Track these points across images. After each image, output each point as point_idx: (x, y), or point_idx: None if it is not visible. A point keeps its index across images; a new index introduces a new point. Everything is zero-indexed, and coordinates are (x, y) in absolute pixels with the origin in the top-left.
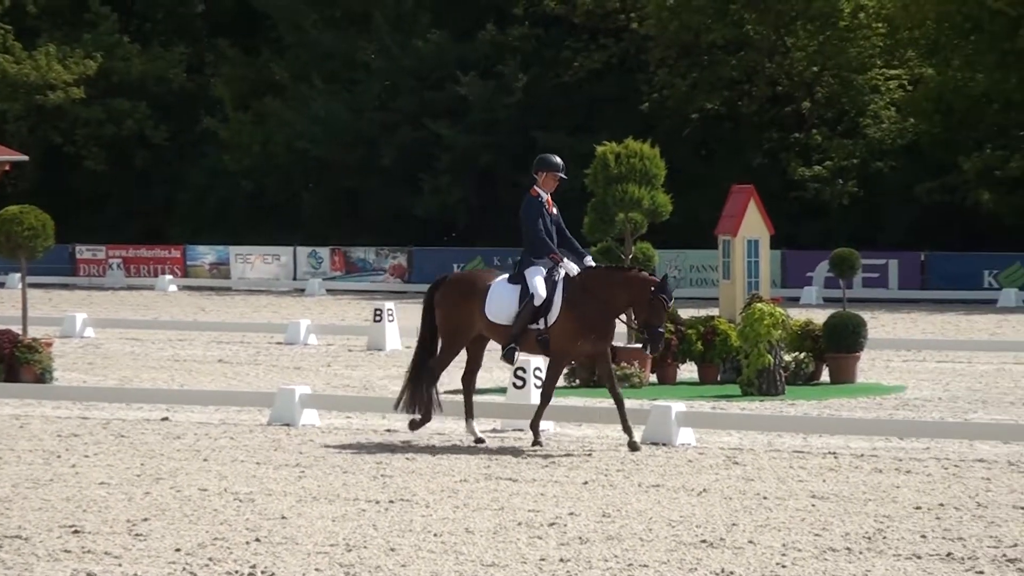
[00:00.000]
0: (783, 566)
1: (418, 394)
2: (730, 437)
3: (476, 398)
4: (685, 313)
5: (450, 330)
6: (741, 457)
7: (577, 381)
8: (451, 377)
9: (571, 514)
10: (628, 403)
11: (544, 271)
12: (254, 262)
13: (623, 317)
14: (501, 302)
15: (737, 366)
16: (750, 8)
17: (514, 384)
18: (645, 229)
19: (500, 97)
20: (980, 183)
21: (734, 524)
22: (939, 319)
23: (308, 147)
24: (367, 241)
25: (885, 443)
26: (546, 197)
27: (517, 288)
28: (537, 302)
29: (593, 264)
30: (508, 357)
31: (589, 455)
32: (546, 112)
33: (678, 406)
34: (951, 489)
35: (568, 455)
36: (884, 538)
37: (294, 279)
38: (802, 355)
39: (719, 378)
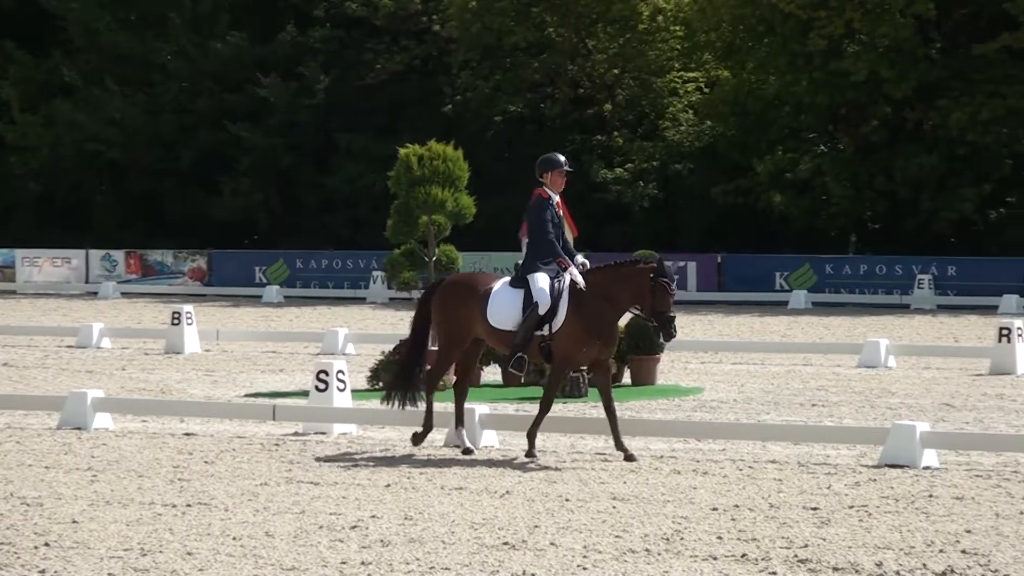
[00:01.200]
0: (584, 568)
1: (407, 394)
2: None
3: (279, 401)
4: None
5: (448, 335)
6: (544, 459)
7: (381, 384)
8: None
9: (373, 517)
10: (434, 406)
11: (549, 276)
12: (42, 265)
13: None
14: (504, 307)
15: (541, 368)
16: (552, 11)
17: (316, 387)
18: (449, 231)
19: (301, 99)
20: (772, 185)
21: (536, 526)
22: (735, 321)
23: (102, 149)
24: (165, 244)
25: (683, 445)
26: (556, 199)
27: (520, 293)
28: (542, 310)
29: (585, 262)
30: (517, 366)
31: (392, 458)
32: (348, 114)
33: (482, 408)
34: (745, 490)
35: (371, 458)
36: (682, 539)
37: (86, 282)
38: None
39: (523, 380)
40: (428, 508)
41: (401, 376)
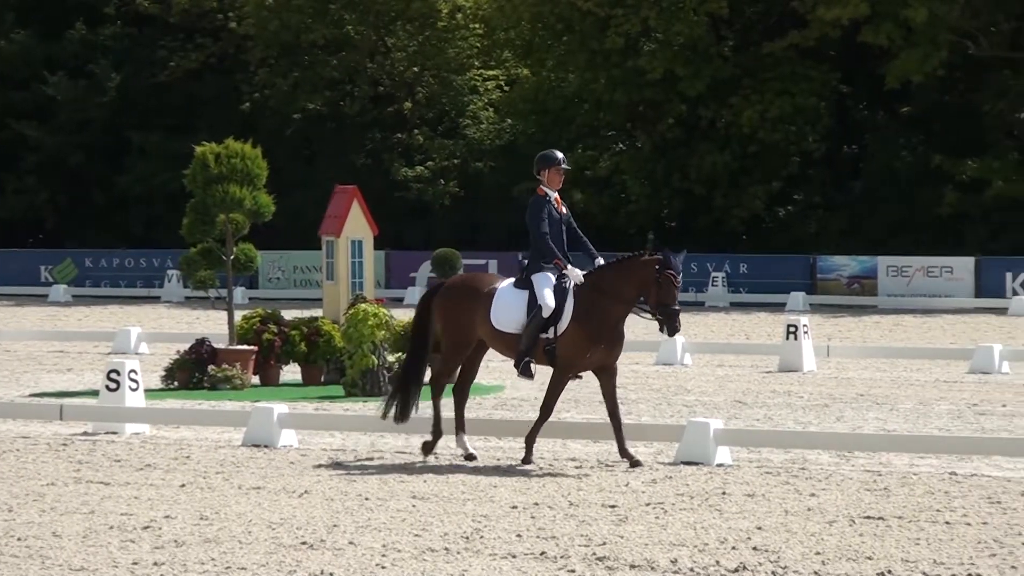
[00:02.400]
0: (383, 567)
1: (409, 403)
2: (333, 438)
3: (67, 400)
4: (288, 314)
5: (453, 337)
6: (344, 458)
7: (176, 383)
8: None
9: (167, 517)
10: (229, 405)
11: (553, 278)
12: None
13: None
14: (508, 309)
15: (341, 367)
16: (350, 8)
17: (107, 387)
18: (247, 230)
19: (91, 97)
20: (572, 183)
21: (335, 525)
22: None
23: None
24: None
25: (485, 443)
26: (554, 196)
27: (525, 294)
28: (546, 313)
29: (601, 262)
30: (526, 372)
31: (187, 458)
32: (141, 112)
33: (280, 408)
34: (546, 488)
35: (166, 458)
36: (481, 538)
37: None
38: (405, 356)
39: (323, 379)
40: (224, 508)
41: (402, 384)
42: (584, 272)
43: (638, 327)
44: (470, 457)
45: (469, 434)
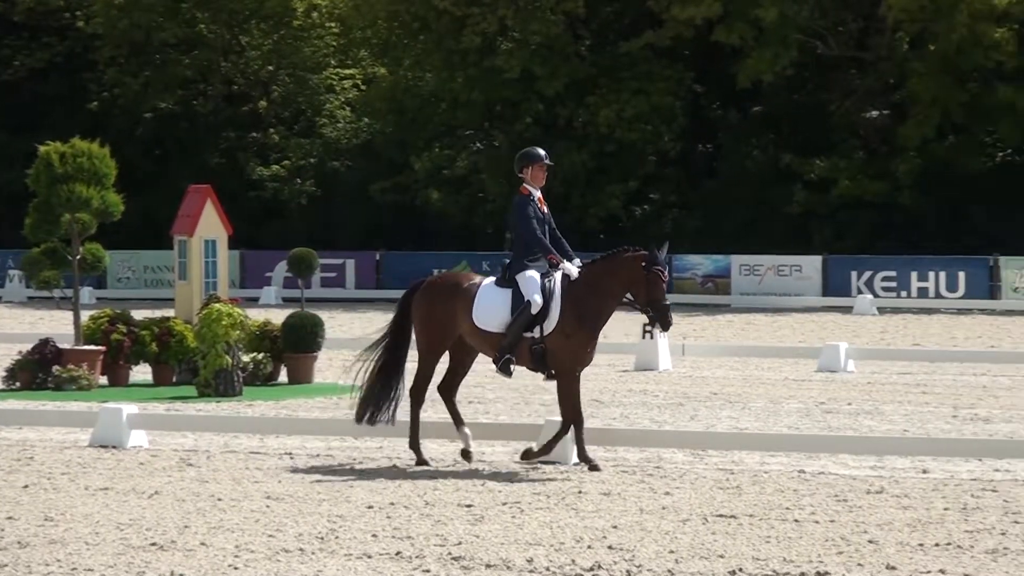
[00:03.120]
0: (235, 568)
1: (382, 406)
2: (185, 439)
3: None
4: (139, 314)
5: (429, 337)
6: (196, 459)
7: (18, 384)
8: None
9: (9, 519)
10: (74, 405)
11: (538, 275)
12: None
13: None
14: (491, 308)
15: (194, 367)
16: (203, 7)
17: None
18: (94, 229)
19: None
20: (430, 182)
21: (186, 526)
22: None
23: None
24: None
25: (341, 443)
26: (538, 195)
27: (508, 292)
28: (534, 310)
29: (579, 262)
30: (505, 370)
31: (31, 459)
32: None
33: (130, 408)
34: (402, 488)
35: (9, 459)
36: (336, 538)
37: None
38: (260, 356)
39: (175, 379)
40: (71, 509)
41: (378, 388)
42: (577, 270)
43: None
44: (466, 453)
45: (327, 435)
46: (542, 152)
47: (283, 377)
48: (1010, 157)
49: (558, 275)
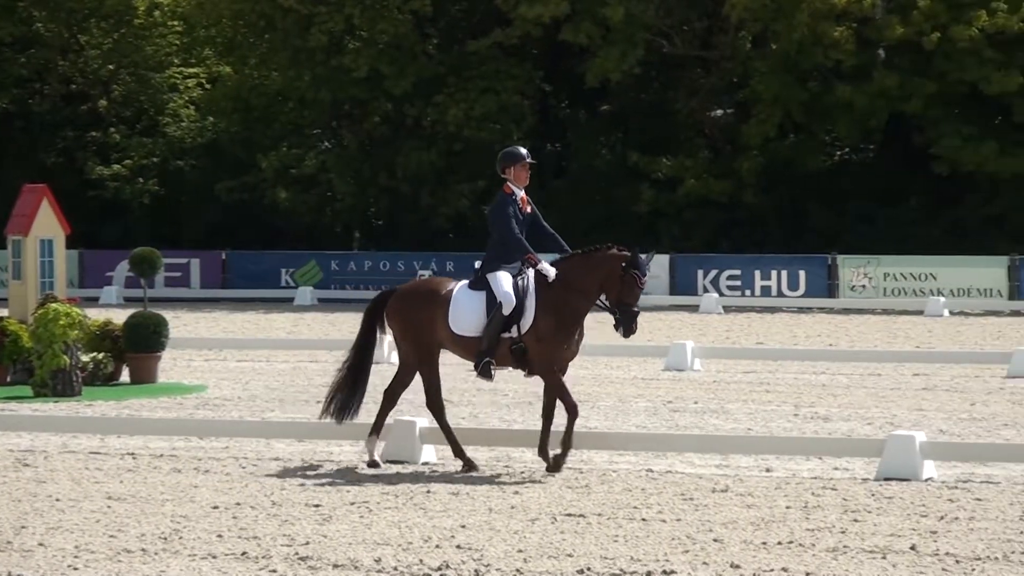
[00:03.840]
0: (75, 568)
1: (349, 404)
2: (20, 439)
3: None
4: None
5: (418, 346)
6: (32, 459)
7: None
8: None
9: None
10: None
11: (510, 274)
12: None
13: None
14: (466, 312)
15: (30, 367)
16: (40, 5)
17: None
18: None
19: None
20: (277, 182)
21: (23, 527)
22: (240, 318)
23: None
24: None
25: (185, 443)
26: (520, 194)
27: (482, 295)
28: (507, 309)
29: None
30: (485, 373)
31: None
32: None
33: None
34: (248, 488)
35: None
36: (180, 538)
37: None
38: (101, 355)
39: (9, 379)
40: None
41: (345, 388)
42: (555, 271)
43: (344, 326)
44: (373, 464)
45: (170, 435)
46: (524, 151)
47: (125, 377)
48: (848, 156)
49: (531, 272)
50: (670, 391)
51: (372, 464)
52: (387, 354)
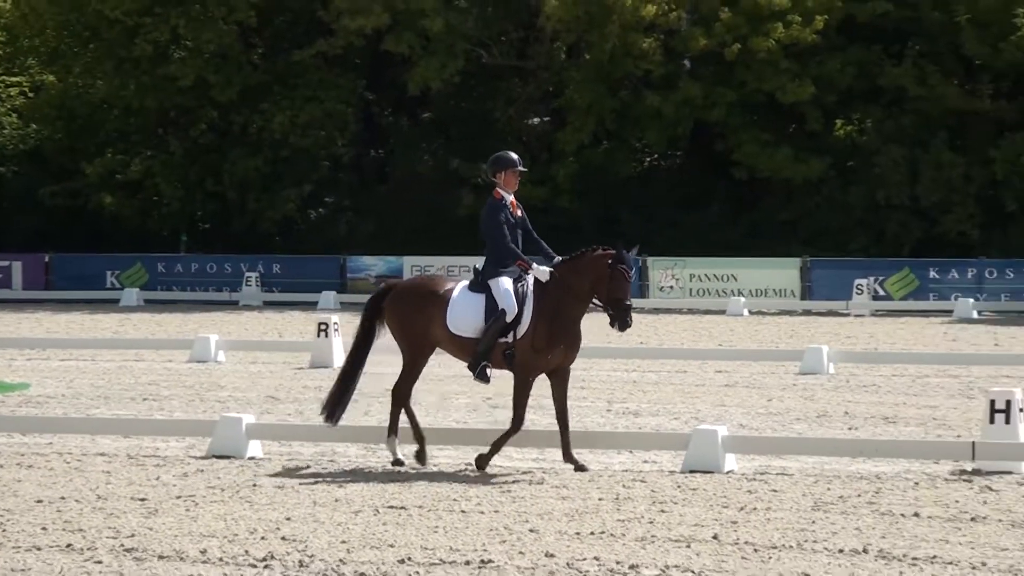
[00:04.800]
0: None
1: (340, 404)
2: None
3: None
4: None
5: (411, 344)
6: None
7: None
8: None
9: None
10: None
11: (511, 280)
12: None
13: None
14: (465, 313)
15: None
16: None
17: None
18: None
19: None
20: (102, 187)
21: None
22: (64, 319)
23: None
24: None
25: (8, 439)
26: (510, 199)
27: (482, 298)
28: (510, 317)
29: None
30: (482, 376)
31: None
32: None
33: None
34: (73, 482)
35: None
36: (4, 531)
37: None
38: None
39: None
40: None
41: (341, 383)
42: (548, 271)
43: (171, 326)
44: (398, 463)
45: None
46: (516, 157)
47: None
48: (657, 162)
49: (530, 279)
50: (490, 388)
51: (396, 463)
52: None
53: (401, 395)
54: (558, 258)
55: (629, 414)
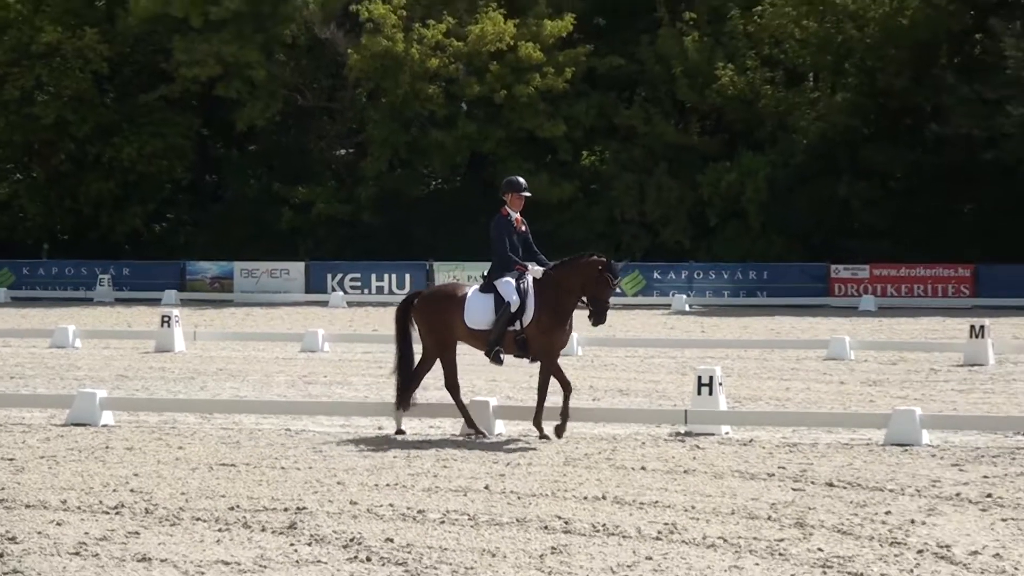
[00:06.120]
0: None
1: (407, 393)
2: None
3: None
4: None
5: (440, 340)
6: None
7: None
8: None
9: None
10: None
11: (513, 280)
12: None
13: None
14: (478, 311)
15: None
16: None
17: None
18: None
19: None
20: None
21: None
22: None
23: None
24: None
25: None
26: (515, 216)
27: (491, 296)
28: (514, 308)
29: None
30: (496, 359)
31: None
32: None
33: None
34: None
35: None
36: None
37: None
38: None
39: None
40: None
41: (400, 378)
42: (542, 269)
43: (35, 319)
44: (400, 432)
45: None
46: (523, 183)
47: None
48: (441, 185)
49: (529, 277)
50: (305, 368)
51: (399, 432)
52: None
53: (453, 386)
54: (551, 264)
55: (420, 388)
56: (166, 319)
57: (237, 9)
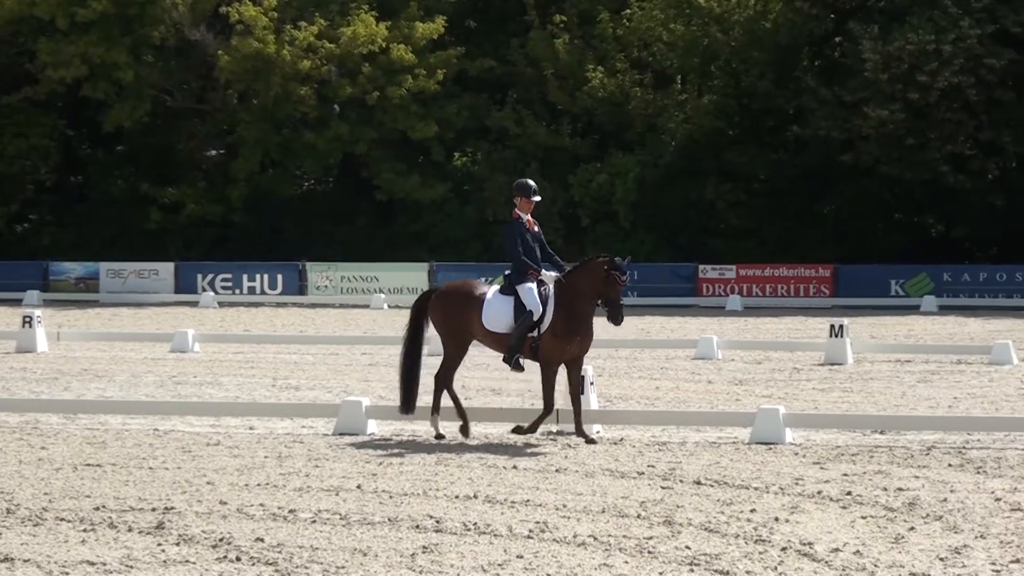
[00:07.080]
0: None
1: (412, 394)
2: None
3: None
4: None
5: (454, 338)
6: None
7: None
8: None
9: None
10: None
11: (535, 287)
12: None
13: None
14: (497, 312)
15: None
16: None
17: None
18: None
19: None
20: None
21: None
22: None
23: None
24: None
25: None
26: (527, 218)
27: (511, 300)
28: (535, 316)
29: (564, 267)
30: (516, 366)
31: None
32: None
33: None
34: None
35: None
36: None
37: None
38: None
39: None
40: None
41: (405, 378)
42: (555, 275)
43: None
44: (439, 436)
45: None
46: (534, 187)
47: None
48: (313, 186)
49: (551, 284)
50: (175, 368)
51: (438, 437)
52: None
53: (442, 380)
54: (568, 267)
55: (291, 388)
56: (27, 319)
57: (104, 10)
